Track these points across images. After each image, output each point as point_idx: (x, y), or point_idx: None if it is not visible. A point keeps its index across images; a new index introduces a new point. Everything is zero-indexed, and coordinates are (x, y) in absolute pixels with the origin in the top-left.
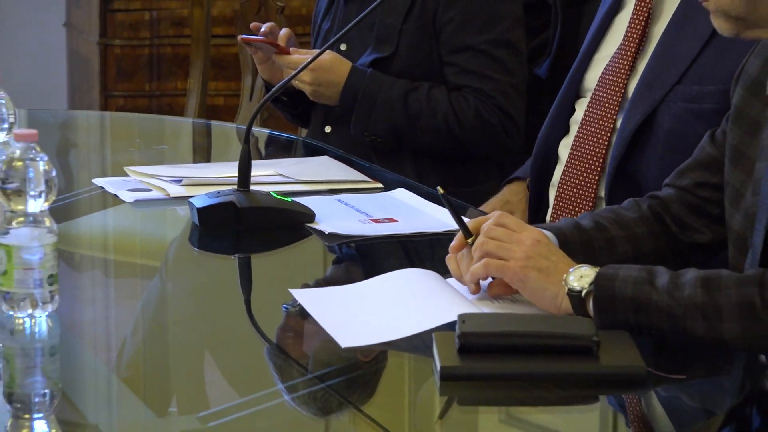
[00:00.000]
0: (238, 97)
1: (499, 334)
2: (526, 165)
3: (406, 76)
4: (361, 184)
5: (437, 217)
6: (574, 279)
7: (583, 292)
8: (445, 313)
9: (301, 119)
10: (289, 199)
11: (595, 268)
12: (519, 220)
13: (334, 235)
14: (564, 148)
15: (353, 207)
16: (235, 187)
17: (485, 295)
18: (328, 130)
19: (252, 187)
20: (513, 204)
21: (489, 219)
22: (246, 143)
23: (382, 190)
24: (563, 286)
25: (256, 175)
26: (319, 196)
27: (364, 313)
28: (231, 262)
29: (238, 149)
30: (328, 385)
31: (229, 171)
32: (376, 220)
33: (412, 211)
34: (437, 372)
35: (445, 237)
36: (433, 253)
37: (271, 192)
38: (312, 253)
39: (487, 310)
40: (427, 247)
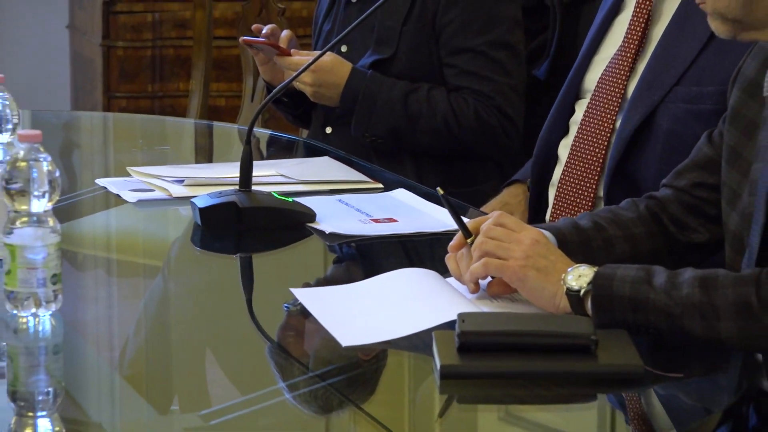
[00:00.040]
0: (240, 98)
1: (499, 333)
2: (525, 167)
3: (406, 78)
4: (361, 185)
5: (437, 217)
6: (572, 278)
7: (582, 292)
8: (445, 312)
9: (302, 120)
10: (290, 199)
11: (594, 268)
12: (518, 219)
13: (334, 235)
14: (564, 148)
15: (354, 207)
16: (237, 187)
17: (485, 295)
18: (328, 130)
19: (253, 187)
20: (512, 206)
21: (488, 219)
22: (247, 144)
23: (382, 191)
24: (562, 285)
25: (257, 175)
26: (319, 197)
27: (365, 312)
28: (233, 262)
29: (239, 150)
30: (329, 384)
31: (230, 171)
32: (377, 220)
33: (412, 211)
34: (437, 370)
35: (445, 237)
36: (432, 252)
37: (272, 192)
38: (313, 252)
39: (487, 309)
40: (427, 246)
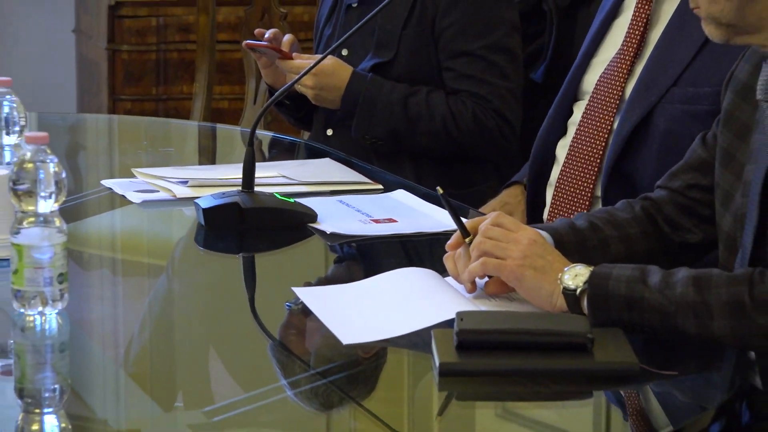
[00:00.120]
0: (243, 101)
1: (497, 331)
2: (524, 169)
3: (406, 81)
4: (361, 186)
5: (436, 218)
6: (569, 278)
7: (578, 291)
8: (444, 311)
9: (303, 122)
10: (292, 200)
11: (590, 267)
12: (515, 220)
13: (335, 235)
14: (561, 148)
15: (354, 208)
16: (240, 188)
17: (483, 294)
18: (329, 133)
19: (256, 188)
20: (512, 206)
21: (486, 219)
22: (250, 146)
23: (382, 192)
24: (558, 284)
25: (260, 176)
26: (321, 197)
27: (365, 310)
28: (235, 261)
29: (242, 151)
30: (330, 381)
31: (233, 173)
32: (377, 221)
33: (411, 212)
34: (436, 368)
35: (444, 237)
36: (432, 252)
37: (274, 193)
38: (314, 252)
39: (485, 308)
40: (426, 246)
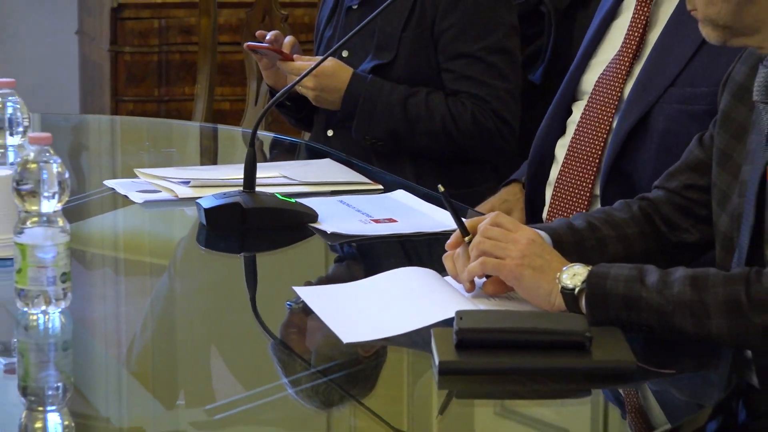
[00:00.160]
0: (244, 102)
1: (496, 330)
2: (522, 167)
3: (406, 82)
4: (362, 186)
5: (435, 218)
6: (567, 277)
7: (576, 290)
8: (443, 310)
9: (304, 123)
10: (293, 200)
11: (588, 267)
12: (514, 220)
13: (336, 235)
14: (560, 148)
15: (354, 208)
16: (241, 188)
17: (482, 293)
18: (330, 133)
19: (257, 188)
20: (511, 203)
21: (485, 219)
22: (251, 146)
23: (382, 192)
24: (557, 283)
25: (261, 176)
26: (321, 197)
27: (365, 309)
28: (237, 261)
29: (243, 152)
30: (330, 379)
31: (235, 173)
32: (377, 221)
33: (411, 212)
34: (435, 366)
35: (443, 237)
36: (431, 252)
37: (275, 193)
38: (315, 252)
39: (484, 307)
40: (426, 246)
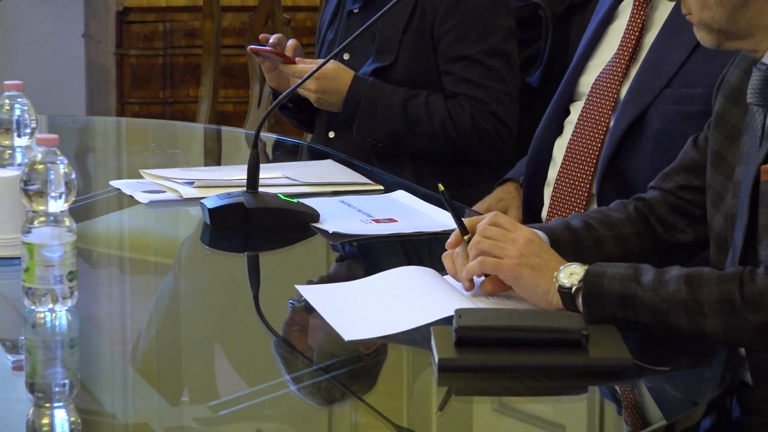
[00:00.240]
0: (247, 104)
1: (494, 328)
2: (517, 167)
3: (406, 84)
4: (362, 186)
5: (435, 218)
6: (564, 276)
7: (573, 289)
8: (443, 308)
9: (306, 125)
10: (295, 200)
11: (584, 266)
12: (512, 219)
13: (337, 235)
14: (558, 149)
15: (355, 208)
16: (244, 188)
17: (480, 292)
18: (331, 135)
19: (260, 188)
20: (507, 201)
21: (484, 219)
22: (254, 148)
23: (382, 192)
24: (554, 282)
25: (263, 177)
26: (323, 198)
27: (366, 308)
28: (240, 260)
29: (247, 153)
30: (332, 376)
31: (238, 174)
32: (377, 221)
33: (411, 212)
34: (435, 364)
35: (443, 236)
36: (431, 251)
37: (278, 194)
38: (317, 251)
39: (483, 305)
40: (426, 245)
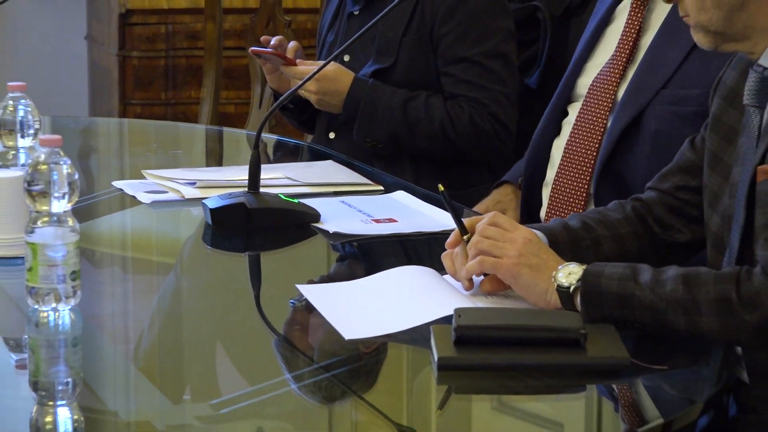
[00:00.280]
0: (248, 105)
1: (493, 327)
2: (513, 169)
3: (406, 86)
4: (363, 187)
5: (434, 218)
6: (562, 276)
7: (572, 288)
8: (442, 308)
9: (306, 126)
10: (296, 200)
11: (583, 266)
12: (511, 219)
13: (338, 235)
14: (556, 149)
15: (356, 208)
16: (246, 189)
17: (480, 291)
18: (332, 136)
19: (261, 189)
20: (504, 203)
21: (483, 218)
22: (256, 148)
23: (382, 192)
24: (553, 282)
25: (265, 178)
26: (323, 198)
27: (366, 307)
28: (241, 260)
29: (248, 154)
30: (333, 375)
31: (239, 174)
32: (377, 221)
33: (410, 212)
34: (435, 362)
35: (442, 236)
36: (430, 251)
37: (279, 194)
38: (317, 251)
39: (482, 304)
40: (425, 245)
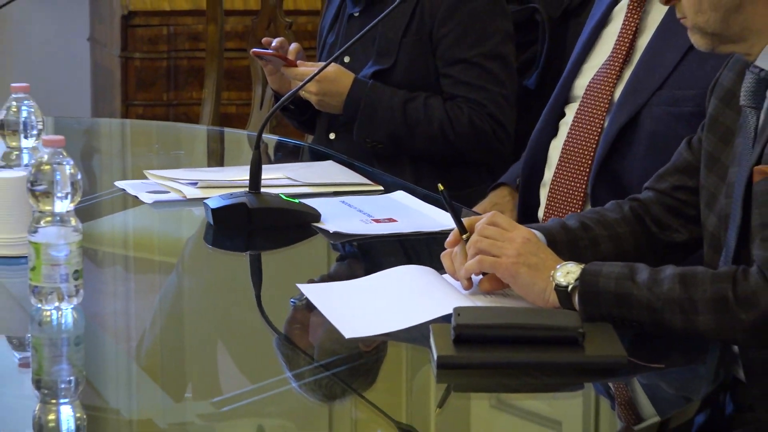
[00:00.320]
0: (249, 106)
1: (492, 326)
2: (510, 171)
3: (405, 87)
4: (363, 187)
5: (434, 218)
6: (561, 275)
7: (570, 287)
8: (442, 307)
9: (307, 126)
10: (297, 200)
11: (581, 265)
12: (510, 219)
13: (338, 234)
14: (554, 149)
15: (356, 208)
16: (247, 189)
17: (479, 290)
18: (332, 136)
19: (262, 189)
20: (501, 205)
21: (482, 218)
22: (257, 149)
23: (382, 192)
24: (551, 281)
25: (266, 178)
26: (324, 198)
27: (366, 306)
28: (242, 259)
29: (249, 154)
30: (333, 373)
31: (241, 174)
32: (377, 220)
33: (410, 212)
34: (434, 361)
35: (441, 236)
36: (430, 250)
37: (279, 194)
38: (318, 250)
39: (481, 303)
40: (425, 245)
